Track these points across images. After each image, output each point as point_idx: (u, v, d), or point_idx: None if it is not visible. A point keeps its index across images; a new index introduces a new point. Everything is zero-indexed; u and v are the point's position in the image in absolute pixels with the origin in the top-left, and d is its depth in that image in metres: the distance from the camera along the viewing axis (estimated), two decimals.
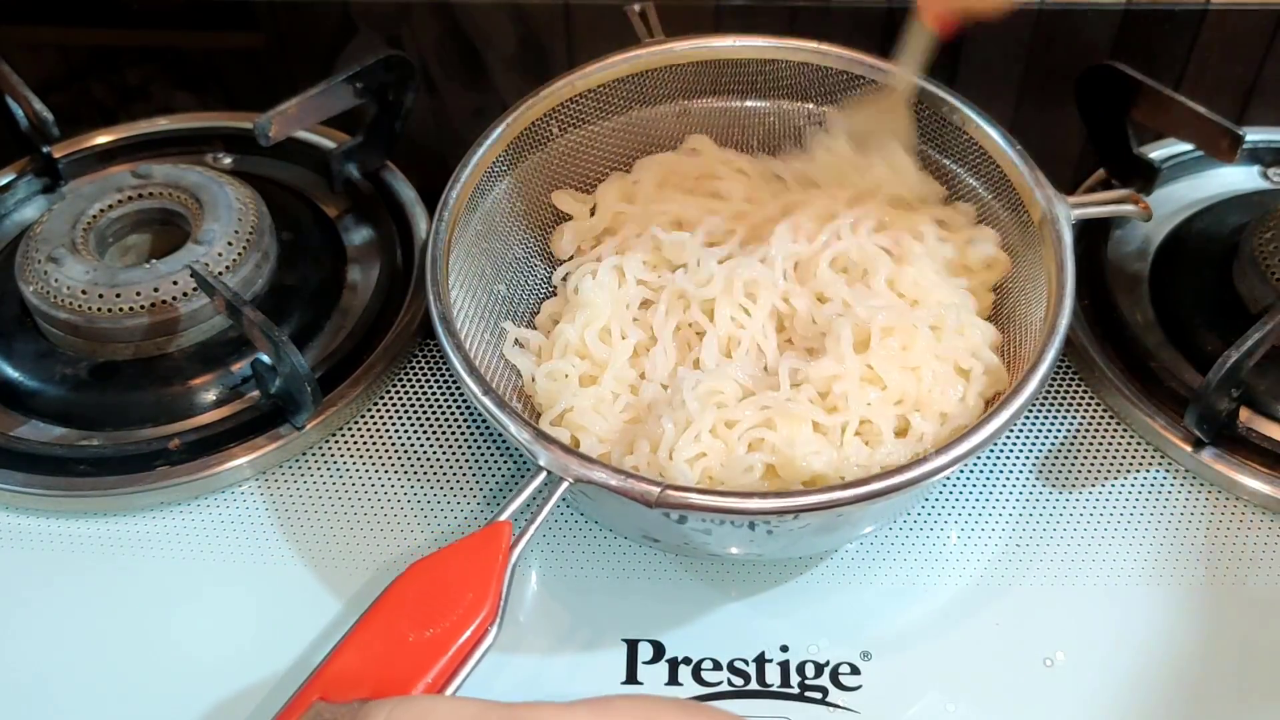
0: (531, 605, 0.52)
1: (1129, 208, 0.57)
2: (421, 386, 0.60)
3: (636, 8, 0.63)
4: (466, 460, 0.57)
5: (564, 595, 0.52)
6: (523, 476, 0.56)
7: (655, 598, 0.52)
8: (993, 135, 0.57)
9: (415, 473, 0.57)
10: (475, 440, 0.58)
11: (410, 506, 0.55)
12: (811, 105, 0.63)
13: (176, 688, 0.49)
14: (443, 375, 0.61)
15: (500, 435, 0.53)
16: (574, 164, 0.62)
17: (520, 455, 0.56)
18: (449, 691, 0.42)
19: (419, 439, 0.58)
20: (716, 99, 0.63)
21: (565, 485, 0.46)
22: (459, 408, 0.59)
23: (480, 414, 0.51)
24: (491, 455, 0.57)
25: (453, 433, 0.58)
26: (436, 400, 0.60)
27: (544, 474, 0.46)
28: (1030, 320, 0.54)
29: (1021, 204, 0.56)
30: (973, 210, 0.60)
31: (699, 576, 0.53)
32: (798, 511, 0.45)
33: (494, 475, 0.56)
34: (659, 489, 0.44)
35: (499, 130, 0.57)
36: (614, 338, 0.55)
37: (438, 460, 0.57)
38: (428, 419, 0.59)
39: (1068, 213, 0.54)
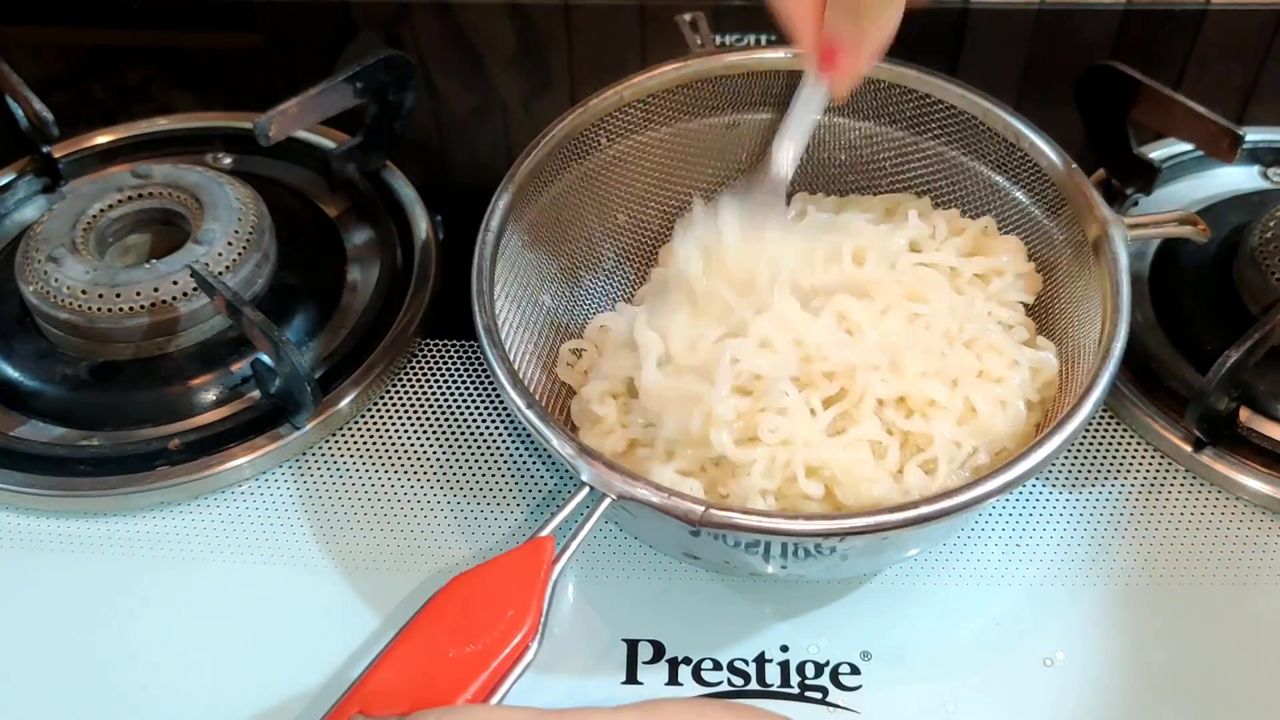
0: None
1: (1187, 229, 0.54)
2: (421, 386, 0.60)
3: (687, 16, 0.61)
4: (467, 461, 0.57)
5: (562, 596, 0.52)
6: (523, 478, 0.56)
7: (655, 598, 0.52)
8: (1048, 153, 0.55)
9: (415, 473, 0.57)
10: (475, 441, 0.58)
11: (410, 507, 0.55)
12: (866, 123, 0.61)
13: (177, 692, 0.49)
14: (442, 375, 0.61)
15: (543, 449, 0.52)
16: (619, 175, 0.61)
17: (533, 460, 0.57)
18: None
19: (419, 439, 0.58)
20: (768, 111, 0.61)
21: (607, 502, 0.45)
22: (459, 408, 0.59)
23: (523, 427, 0.50)
24: (492, 455, 0.57)
25: (453, 433, 0.58)
26: (437, 400, 0.60)
27: (586, 489, 0.46)
28: (1083, 343, 0.53)
29: (1076, 223, 0.55)
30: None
31: (699, 577, 0.53)
32: (844, 534, 0.44)
33: (494, 475, 0.56)
34: (702, 508, 0.44)
35: (548, 139, 0.56)
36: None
37: (438, 460, 0.57)
38: (428, 419, 0.59)
39: (1124, 234, 0.53)
